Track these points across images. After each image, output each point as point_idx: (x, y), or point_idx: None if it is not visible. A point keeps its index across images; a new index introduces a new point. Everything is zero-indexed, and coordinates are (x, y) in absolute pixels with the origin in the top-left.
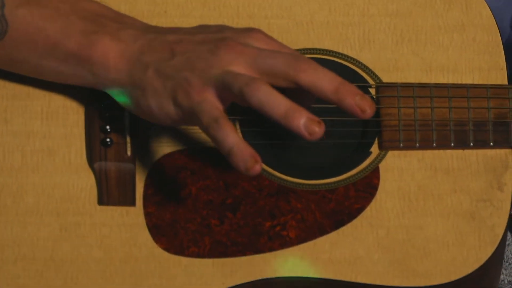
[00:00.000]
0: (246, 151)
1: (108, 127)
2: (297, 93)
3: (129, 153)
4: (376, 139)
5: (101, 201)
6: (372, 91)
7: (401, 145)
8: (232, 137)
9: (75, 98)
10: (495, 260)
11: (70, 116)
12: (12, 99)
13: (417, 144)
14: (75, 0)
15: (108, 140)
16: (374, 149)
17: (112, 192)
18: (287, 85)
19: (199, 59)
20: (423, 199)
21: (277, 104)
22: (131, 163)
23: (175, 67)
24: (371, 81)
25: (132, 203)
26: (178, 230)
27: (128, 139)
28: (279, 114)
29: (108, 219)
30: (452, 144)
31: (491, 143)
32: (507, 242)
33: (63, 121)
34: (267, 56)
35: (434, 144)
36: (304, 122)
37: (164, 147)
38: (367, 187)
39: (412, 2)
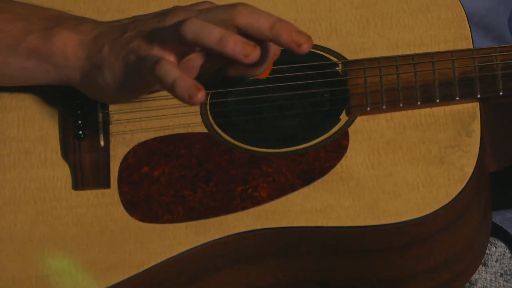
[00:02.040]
0: (188, 81)
1: (80, 122)
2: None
3: (102, 143)
4: (345, 107)
5: (76, 186)
6: (339, 69)
7: (368, 108)
8: (174, 72)
9: (50, 105)
10: (469, 202)
11: (46, 121)
12: None
13: (384, 106)
14: (36, 7)
15: (81, 133)
16: (343, 117)
17: (87, 177)
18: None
19: (148, 28)
20: (392, 152)
21: (210, 32)
22: (104, 152)
23: (126, 39)
24: (337, 61)
25: (107, 185)
26: (152, 203)
27: (101, 131)
28: (214, 41)
29: (84, 201)
30: (419, 102)
31: (457, 97)
32: (508, 255)
33: (39, 126)
34: (207, 11)
35: (401, 104)
36: (240, 45)
37: (137, 136)
38: (337, 147)
39: None
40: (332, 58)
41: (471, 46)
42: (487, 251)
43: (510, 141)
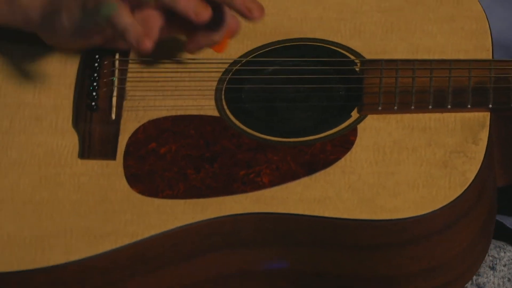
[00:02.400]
0: (139, 28)
1: (94, 93)
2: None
3: (113, 117)
4: (357, 104)
5: (82, 154)
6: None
7: (380, 108)
8: (127, 18)
9: (68, 75)
10: (468, 208)
11: (62, 90)
12: (8, 77)
13: (396, 107)
14: None
15: (94, 104)
16: (354, 114)
17: (94, 147)
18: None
19: None
20: (397, 152)
21: None
22: (115, 126)
23: None
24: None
25: (113, 157)
26: (155, 177)
27: (114, 104)
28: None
29: (88, 170)
30: (430, 106)
31: (469, 105)
32: None
33: (55, 94)
34: None
35: (413, 107)
36: (191, 3)
37: (149, 113)
38: (344, 142)
39: (404, 0)
40: (352, 57)
41: (490, 57)
42: (496, 255)
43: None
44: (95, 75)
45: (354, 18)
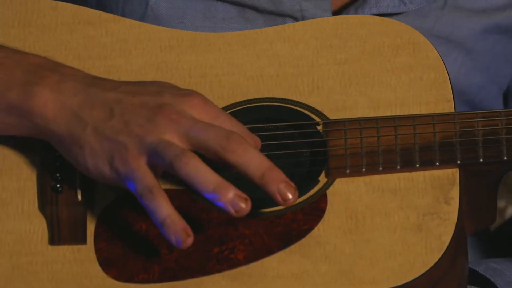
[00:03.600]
0: (178, 224)
1: (58, 175)
2: None
3: (79, 197)
4: (324, 168)
5: (52, 240)
6: (320, 128)
7: (348, 171)
8: (165, 209)
9: (29, 155)
10: (446, 268)
11: (24, 171)
12: None
13: (364, 169)
14: (20, 55)
15: (58, 186)
16: (322, 178)
17: (63, 232)
18: (217, 160)
19: (136, 124)
20: (370, 217)
21: (205, 181)
22: (82, 207)
23: (113, 128)
24: (318, 120)
25: (83, 241)
26: (128, 261)
27: (78, 185)
28: (207, 190)
29: (60, 257)
30: (399, 167)
31: (437, 163)
32: None
33: (17, 176)
34: (200, 130)
35: (381, 168)
36: (231, 200)
37: (116, 192)
38: (315, 210)
39: (360, 51)
40: (313, 116)
41: (453, 109)
42: None
43: (487, 205)
44: (57, 153)
45: (311, 73)
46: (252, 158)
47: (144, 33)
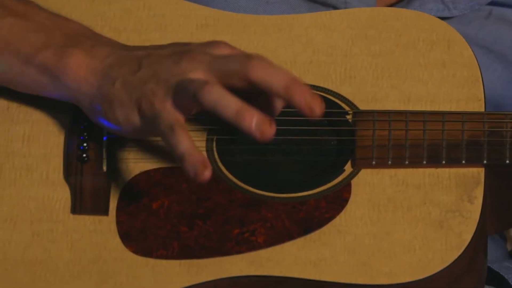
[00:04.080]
0: (197, 157)
1: (85, 144)
2: (261, 101)
3: (104, 169)
4: (350, 158)
5: (75, 209)
6: (350, 118)
7: (374, 162)
8: (185, 144)
9: (57, 122)
10: (465, 267)
11: (51, 138)
12: None
13: (390, 162)
14: (61, 19)
15: (84, 156)
16: (348, 168)
17: (86, 202)
18: (242, 85)
19: (163, 70)
20: (392, 210)
21: (228, 104)
22: (106, 178)
23: (141, 79)
24: (348, 110)
25: (105, 212)
26: (148, 235)
27: (104, 156)
28: (231, 114)
29: (81, 226)
30: (425, 162)
31: (464, 161)
32: None
33: (44, 143)
34: (221, 59)
35: (407, 162)
36: (255, 122)
37: (140, 165)
38: (338, 199)
39: (394, 44)
40: (343, 105)
41: (483, 109)
42: None
43: (509, 207)
44: (86, 123)
45: (344, 62)
46: (275, 72)
47: (181, 9)
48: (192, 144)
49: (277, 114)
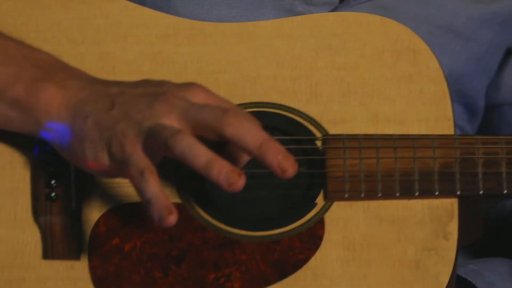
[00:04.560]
0: (163, 202)
1: (53, 181)
2: (230, 151)
3: (74, 207)
4: (322, 190)
5: (46, 255)
6: (319, 143)
7: (346, 195)
8: (152, 188)
9: (22, 154)
10: None
11: (17, 171)
12: None
13: (362, 195)
14: (28, 50)
15: (53, 194)
16: (320, 200)
17: (57, 246)
18: (215, 138)
19: (136, 111)
20: (367, 249)
21: (198, 155)
22: (76, 217)
23: (113, 118)
24: (317, 133)
25: (77, 257)
26: (122, 282)
27: (73, 194)
28: (201, 165)
29: (53, 273)
30: (398, 194)
31: (437, 193)
32: None
33: (10, 177)
34: (196, 109)
35: (380, 194)
36: (224, 174)
37: (110, 202)
38: (312, 237)
39: (359, 55)
40: (311, 127)
41: (452, 129)
42: None
43: (478, 225)
44: (53, 157)
45: (310, 76)
46: (249, 130)
47: (139, 17)
48: (159, 189)
49: (244, 164)
